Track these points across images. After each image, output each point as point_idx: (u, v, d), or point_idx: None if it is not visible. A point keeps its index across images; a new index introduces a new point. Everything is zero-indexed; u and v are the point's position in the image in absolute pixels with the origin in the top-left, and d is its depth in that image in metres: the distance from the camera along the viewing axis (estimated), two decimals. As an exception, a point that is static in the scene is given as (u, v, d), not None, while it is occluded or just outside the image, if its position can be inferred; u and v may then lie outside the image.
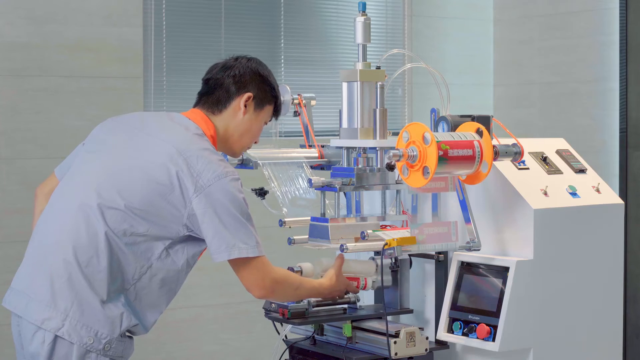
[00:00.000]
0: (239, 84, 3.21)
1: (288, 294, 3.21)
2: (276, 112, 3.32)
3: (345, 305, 3.46)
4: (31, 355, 3.01)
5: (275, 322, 3.47)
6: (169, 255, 3.06)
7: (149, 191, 2.99)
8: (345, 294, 3.44)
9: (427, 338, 3.30)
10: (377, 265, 3.47)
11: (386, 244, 3.14)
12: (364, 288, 3.48)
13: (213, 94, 3.22)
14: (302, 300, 3.34)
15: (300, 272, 3.37)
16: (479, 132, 3.18)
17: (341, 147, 3.45)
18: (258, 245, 3.04)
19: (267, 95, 3.26)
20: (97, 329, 2.96)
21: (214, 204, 2.99)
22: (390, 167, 3.11)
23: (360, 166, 3.37)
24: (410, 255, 3.51)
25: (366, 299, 3.71)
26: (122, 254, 2.99)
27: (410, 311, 3.57)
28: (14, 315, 3.08)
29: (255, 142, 3.33)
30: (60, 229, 3.02)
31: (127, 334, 3.06)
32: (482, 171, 3.18)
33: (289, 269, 3.33)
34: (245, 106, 3.22)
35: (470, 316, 3.29)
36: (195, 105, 3.26)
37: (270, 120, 3.33)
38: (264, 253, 3.07)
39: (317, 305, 3.39)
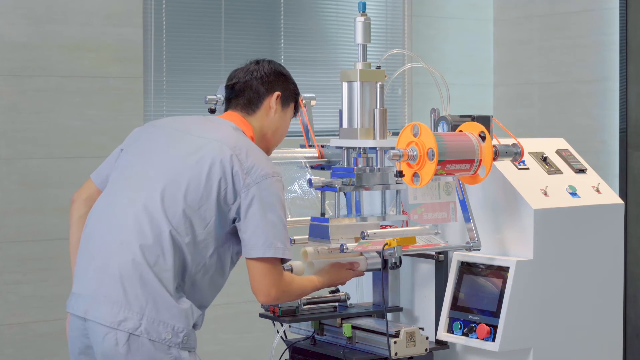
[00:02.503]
0: (267, 84, 3.27)
1: (291, 299, 3.27)
2: (296, 109, 3.39)
3: (336, 304, 3.51)
4: (103, 355, 3.00)
5: (274, 321, 3.49)
6: (218, 253, 3.10)
7: (207, 189, 3.04)
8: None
9: (427, 338, 3.31)
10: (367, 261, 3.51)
11: (386, 244, 3.14)
12: None
13: (242, 96, 3.27)
14: None
15: (291, 270, 3.39)
16: (482, 136, 3.17)
17: (341, 147, 3.45)
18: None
19: (291, 93, 3.33)
20: (174, 323, 3.00)
21: (260, 200, 3.04)
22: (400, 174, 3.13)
23: (360, 166, 3.37)
24: (408, 255, 3.52)
25: (355, 297, 3.72)
26: (184, 252, 3.04)
27: (400, 309, 3.58)
28: (75, 319, 3.08)
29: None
30: (123, 230, 3.04)
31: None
32: (480, 175, 3.20)
33: None
34: (275, 104, 3.28)
35: (470, 316, 3.29)
36: (226, 110, 3.31)
37: (292, 117, 3.39)
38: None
39: (308, 304, 3.43)
